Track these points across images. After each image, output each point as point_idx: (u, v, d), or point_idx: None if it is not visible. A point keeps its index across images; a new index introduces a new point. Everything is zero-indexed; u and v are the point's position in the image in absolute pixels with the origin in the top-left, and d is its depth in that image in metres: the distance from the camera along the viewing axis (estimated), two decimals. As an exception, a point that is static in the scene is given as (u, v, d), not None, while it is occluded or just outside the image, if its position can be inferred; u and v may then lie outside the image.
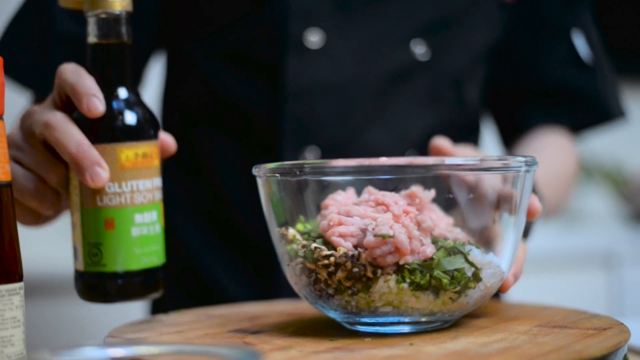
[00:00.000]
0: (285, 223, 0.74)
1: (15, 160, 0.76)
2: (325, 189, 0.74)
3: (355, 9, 1.04)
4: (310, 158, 1.04)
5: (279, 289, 1.04)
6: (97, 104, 0.73)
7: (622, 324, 0.74)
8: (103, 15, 0.76)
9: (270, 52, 1.04)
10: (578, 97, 1.18)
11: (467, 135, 1.12)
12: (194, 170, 1.11)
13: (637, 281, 2.22)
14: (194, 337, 0.72)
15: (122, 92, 0.76)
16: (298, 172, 0.72)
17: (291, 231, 0.73)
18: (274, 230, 0.75)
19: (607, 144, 1.93)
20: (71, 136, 0.72)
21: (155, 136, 0.77)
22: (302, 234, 0.73)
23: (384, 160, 0.70)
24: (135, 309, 1.46)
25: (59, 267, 1.84)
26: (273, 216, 0.75)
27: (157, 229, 0.76)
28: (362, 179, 0.74)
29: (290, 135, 1.03)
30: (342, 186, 0.74)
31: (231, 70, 1.06)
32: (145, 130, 0.76)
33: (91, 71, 0.76)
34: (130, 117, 0.75)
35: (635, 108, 2.74)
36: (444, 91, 1.09)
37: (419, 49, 1.06)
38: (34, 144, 0.75)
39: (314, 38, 1.03)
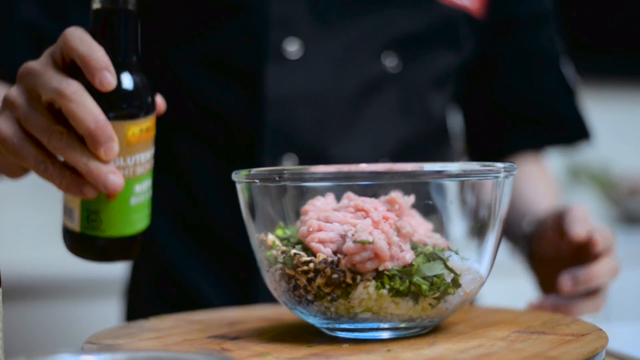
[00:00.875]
0: (265, 229, 0.74)
1: (15, 120, 0.74)
2: (305, 194, 0.74)
3: (332, 21, 1.06)
4: (288, 165, 1.04)
5: (256, 295, 1.04)
6: (109, 80, 0.72)
7: (601, 329, 0.74)
8: None
9: (249, 60, 1.04)
10: (563, 122, 1.23)
11: (437, 145, 1.14)
12: (172, 175, 1.11)
13: (624, 284, 2.22)
14: (173, 342, 0.72)
15: (130, 65, 0.75)
16: (277, 178, 0.72)
17: (270, 237, 0.73)
18: (254, 236, 0.75)
19: (594, 146, 1.93)
20: (89, 111, 0.71)
21: (155, 108, 0.77)
22: (281, 239, 0.73)
23: (363, 167, 0.70)
24: (113, 315, 1.46)
25: (39, 272, 1.84)
26: (252, 222, 0.75)
27: (150, 194, 0.79)
28: (342, 185, 0.74)
29: (269, 142, 1.04)
30: (322, 192, 0.74)
31: (209, 76, 1.06)
32: (150, 106, 0.76)
33: (97, 39, 0.74)
34: (138, 96, 0.75)
35: (622, 111, 2.76)
36: (413, 103, 1.11)
37: (390, 62, 1.08)
38: (38, 107, 0.73)
39: (292, 48, 1.04)
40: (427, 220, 0.75)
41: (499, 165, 0.72)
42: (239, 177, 0.75)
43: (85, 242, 0.76)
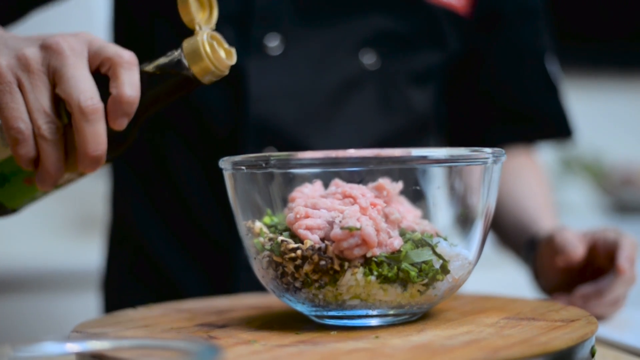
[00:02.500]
0: (252, 216, 0.73)
1: (20, 76, 0.72)
2: (292, 181, 0.73)
3: (313, 18, 1.06)
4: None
5: (236, 287, 1.04)
6: (123, 126, 0.73)
7: (591, 315, 0.74)
8: (211, 70, 0.75)
9: None
10: (546, 118, 1.23)
11: (419, 140, 1.14)
12: (155, 169, 1.10)
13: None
14: (160, 331, 0.72)
15: (137, 121, 0.76)
16: (264, 165, 0.71)
17: (258, 224, 0.73)
18: (241, 224, 0.75)
19: (586, 136, 1.93)
20: (96, 138, 0.71)
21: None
22: (268, 227, 0.73)
23: (351, 152, 0.69)
24: (94, 307, 1.46)
25: (24, 263, 1.83)
26: (239, 209, 0.74)
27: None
28: (329, 172, 0.73)
29: (251, 137, 1.04)
30: (309, 179, 0.74)
31: None
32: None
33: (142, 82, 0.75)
34: (121, 149, 0.76)
35: (615, 101, 2.76)
36: (393, 99, 1.11)
37: (369, 59, 1.08)
38: (47, 88, 0.72)
39: (273, 44, 1.03)
40: (415, 206, 0.74)
41: (487, 150, 0.72)
42: (226, 164, 0.74)
43: None
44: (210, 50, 0.74)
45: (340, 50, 1.07)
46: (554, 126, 1.23)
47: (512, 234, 1.13)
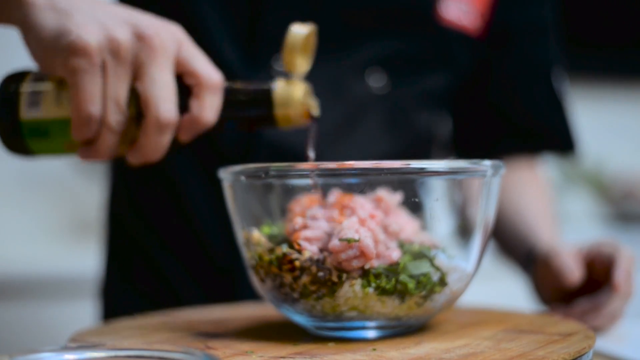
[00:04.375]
0: (251, 226, 0.73)
1: (105, 57, 0.71)
2: (291, 192, 0.73)
3: (323, 40, 1.05)
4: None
5: (237, 295, 1.04)
6: (189, 140, 0.75)
7: (588, 329, 0.74)
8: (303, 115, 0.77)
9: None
10: (551, 133, 1.23)
11: (421, 155, 1.15)
12: (160, 183, 1.10)
13: (617, 283, 2.22)
14: (157, 340, 0.72)
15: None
16: (263, 175, 0.71)
17: (256, 234, 0.73)
18: (239, 233, 0.75)
19: (587, 146, 1.93)
20: (161, 144, 0.73)
21: None
22: (267, 237, 0.73)
23: (350, 164, 0.69)
24: (90, 313, 1.45)
25: (18, 269, 1.83)
26: (238, 219, 0.74)
27: None
28: (329, 182, 0.73)
29: (262, 159, 1.03)
30: (308, 189, 0.74)
31: None
32: None
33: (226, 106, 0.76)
34: None
35: (617, 111, 2.76)
36: (400, 120, 1.11)
37: (378, 82, 1.08)
38: (128, 79, 0.72)
39: (282, 67, 1.04)
40: (414, 218, 0.74)
41: (487, 162, 0.72)
42: (225, 174, 0.74)
43: (11, 124, 0.76)
44: (302, 103, 0.76)
45: (350, 73, 1.07)
46: (558, 140, 1.23)
47: (511, 245, 1.14)
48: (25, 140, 0.76)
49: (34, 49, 0.74)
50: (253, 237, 0.73)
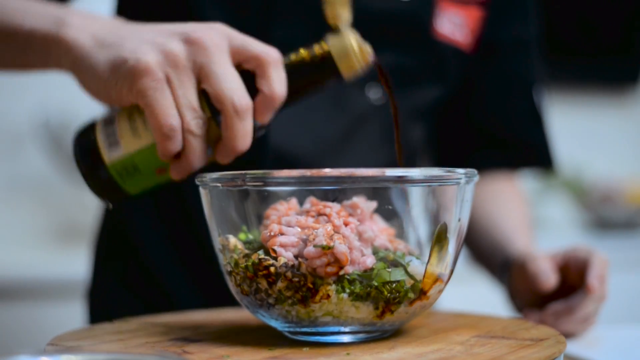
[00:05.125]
0: (227, 232, 0.74)
1: (167, 70, 0.74)
2: (267, 199, 0.74)
3: None
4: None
5: (232, 301, 1.04)
6: (269, 120, 0.77)
7: (560, 334, 0.75)
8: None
9: None
10: (530, 148, 1.25)
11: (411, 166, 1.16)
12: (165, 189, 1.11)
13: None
14: (134, 345, 0.72)
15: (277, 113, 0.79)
16: (240, 182, 0.72)
17: (232, 240, 0.74)
18: (216, 240, 0.76)
19: (566, 152, 1.95)
20: (244, 134, 0.76)
21: None
22: (243, 243, 0.74)
23: (325, 171, 0.71)
24: (79, 316, 1.46)
25: (5, 273, 1.83)
26: (215, 225, 0.75)
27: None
28: (304, 190, 0.74)
29: (267, 166, 1.04)
30: (284, 196, 0.75)
31: None
32: None
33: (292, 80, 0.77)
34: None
35: (595, 118, 2.78)
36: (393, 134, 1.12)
37: (374, 94, 1.09)
38: (192, 83, 0.74)
39: None
40: (389, 224, 0.76)
41: (460, 170, 0.73)
42: (202, 181, 0.75)
43: (100, 174, 0.77)
44: (357, 47, 0.77)
45: (351, 85, 1.08)
46: (537, 155, 1.25)
47: (487, 254, 1.15)
48: (118, 184, 0.78)
49: (94, 88, 0.77)
50: (229, 244, 0.74)
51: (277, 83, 0.75)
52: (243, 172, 0.72)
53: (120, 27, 0.78)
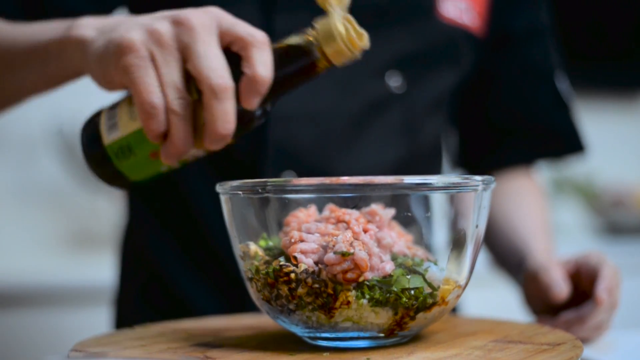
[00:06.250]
0: (248, 239, 0.75)
1: (152, 49, 0.73)
2: (287, 206, 0.75)
3: None
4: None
5: (247, 302, 1.05)
6: (255, 106, 0.74)
7: (577, 339, 0.76)
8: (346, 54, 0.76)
9: None
10: (557, 135, 1.25)
11: (431, 163, 1.16)
12: (168, 187, 1.11)
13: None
14: (157, 351, 0.73)
15: (266, 102, 0.77)
16: (261, 190, 0.73)
17: (253, 247, 0.75)
18: (237, 246, 0.77)
19: (585, 159, 1.97)
20: (226, 116, 0.73)
21: None
22: (264, 250, 0.75)
23: (344, 179, 0.72)
24: (101, 323, 1.47)
25: (21, 279, 1.84)
26: (235, 232, 0.76)
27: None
28: (324, 197, 0.75)
29: (270, 159, 1.04)
30: (304, 204, 0.76)
31: None
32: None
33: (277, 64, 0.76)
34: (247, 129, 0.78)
35: (607, 122, 2.78)
36: (414, 123, 1.11)
37: (394, 82, 1.09)
38: (178, 63, 0.73)
39: None
40: (407, 231, 0.77)
41: (477, 178, 0.74)
42: (223, 189, 0.76)
43: (99, 155, 0.79)
44: (345, 31, 0.75)
45: (367, 73, 1.08)
46: (565, 142, 1.24)
47: (505, 256, 1.15)
48: (116, 166, 0.78)
49: (95, 73, 0.78)
50: (250, 250, 0.75)
51: (260, 65, 0.73)
52: (264, 180, 0.73)
53: (122, 18, 0.79)
